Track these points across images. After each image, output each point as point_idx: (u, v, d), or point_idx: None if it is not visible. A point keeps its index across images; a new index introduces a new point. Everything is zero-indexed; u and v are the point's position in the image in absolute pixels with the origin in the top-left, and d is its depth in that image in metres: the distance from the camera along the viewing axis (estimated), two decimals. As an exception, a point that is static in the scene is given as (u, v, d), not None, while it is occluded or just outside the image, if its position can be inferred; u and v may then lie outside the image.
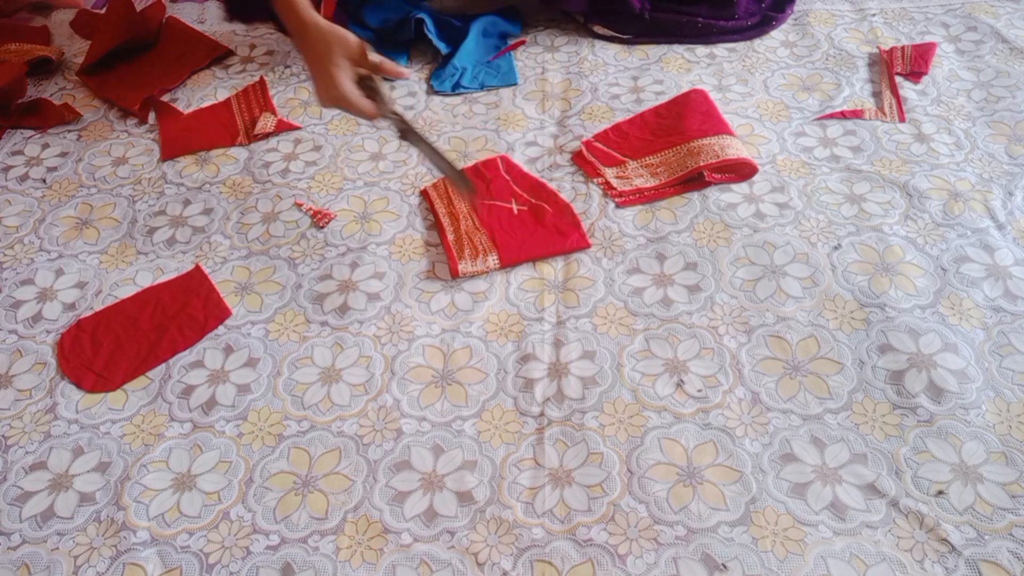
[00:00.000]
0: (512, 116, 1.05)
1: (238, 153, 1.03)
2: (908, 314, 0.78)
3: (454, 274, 0.85)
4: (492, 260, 0.86)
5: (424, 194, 0.96)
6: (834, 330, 0.78)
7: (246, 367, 0.79)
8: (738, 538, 0.65)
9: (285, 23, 0.87)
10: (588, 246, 0.87)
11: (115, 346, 0.81)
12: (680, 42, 1.14)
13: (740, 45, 1.13)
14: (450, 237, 0.89)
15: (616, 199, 0.92)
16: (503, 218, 0.91)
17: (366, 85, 0.84)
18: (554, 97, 1.07)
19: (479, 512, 0.68)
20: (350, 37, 0.82)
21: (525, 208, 0.91)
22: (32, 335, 0.84)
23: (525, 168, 0.97)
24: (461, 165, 0.95)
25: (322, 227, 0.92)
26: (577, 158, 0.98)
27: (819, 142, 0.98)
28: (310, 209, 0.94)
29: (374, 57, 0.83)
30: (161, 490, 0.71)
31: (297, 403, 0.76)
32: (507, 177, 0.95)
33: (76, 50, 1.23)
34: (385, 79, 1.09)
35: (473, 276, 0.85)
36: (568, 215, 0.90)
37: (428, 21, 1.12)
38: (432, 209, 0.93)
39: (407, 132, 0.86)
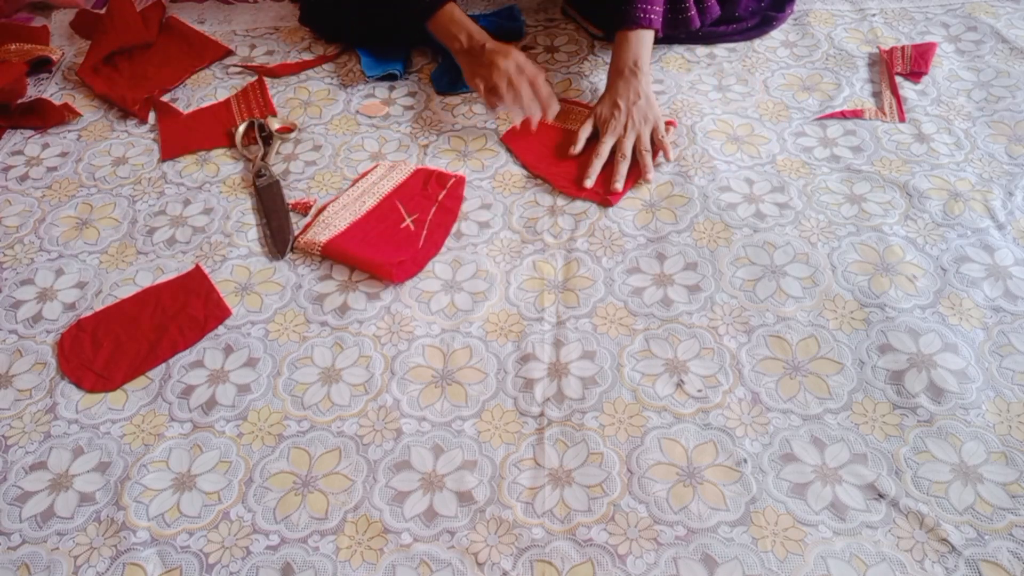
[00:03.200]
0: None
1: (238, 153, 1.03)
2: (908, 314, 0.78)
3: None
4: (321, 241, 0.88)
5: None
6: (834, 330, 0.78)
7: (246, 367, 0.79)
8: (738, 538, 0.65)
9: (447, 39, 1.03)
10: (392, 280, 0.84)
11: (115, 346, 0.81)
12: (680, 42, 1.14)
13: (740, 45, 1.13)
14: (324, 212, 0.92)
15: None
16: (382, 221, 0.91)
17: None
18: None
19: (479, 512, 0.68)
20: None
21: (410, 226, 0.89)
22: (32, 335, 0.84)
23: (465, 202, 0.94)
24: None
25: (305, 215, 0.93)
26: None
27: (819, 142, 0.98)
28: (294, 204, 0.95)
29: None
30: (161, 490, 0.71)
31: (297, 403, 0.76)
32: (436, 198, 0.93)
33: (76, 50, 1.23)
34: (389, 76, 1.10)
35: (310, 251, 0.89)
36: (420, 252, 0.87)
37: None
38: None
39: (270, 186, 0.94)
